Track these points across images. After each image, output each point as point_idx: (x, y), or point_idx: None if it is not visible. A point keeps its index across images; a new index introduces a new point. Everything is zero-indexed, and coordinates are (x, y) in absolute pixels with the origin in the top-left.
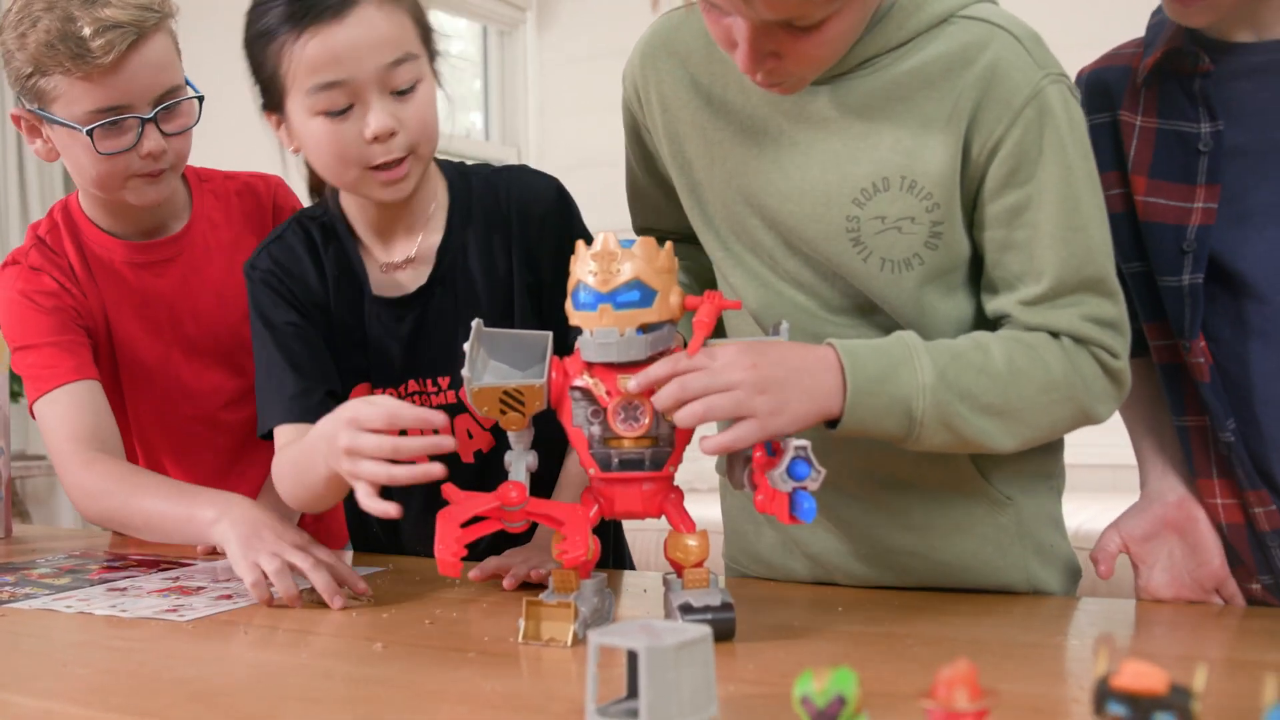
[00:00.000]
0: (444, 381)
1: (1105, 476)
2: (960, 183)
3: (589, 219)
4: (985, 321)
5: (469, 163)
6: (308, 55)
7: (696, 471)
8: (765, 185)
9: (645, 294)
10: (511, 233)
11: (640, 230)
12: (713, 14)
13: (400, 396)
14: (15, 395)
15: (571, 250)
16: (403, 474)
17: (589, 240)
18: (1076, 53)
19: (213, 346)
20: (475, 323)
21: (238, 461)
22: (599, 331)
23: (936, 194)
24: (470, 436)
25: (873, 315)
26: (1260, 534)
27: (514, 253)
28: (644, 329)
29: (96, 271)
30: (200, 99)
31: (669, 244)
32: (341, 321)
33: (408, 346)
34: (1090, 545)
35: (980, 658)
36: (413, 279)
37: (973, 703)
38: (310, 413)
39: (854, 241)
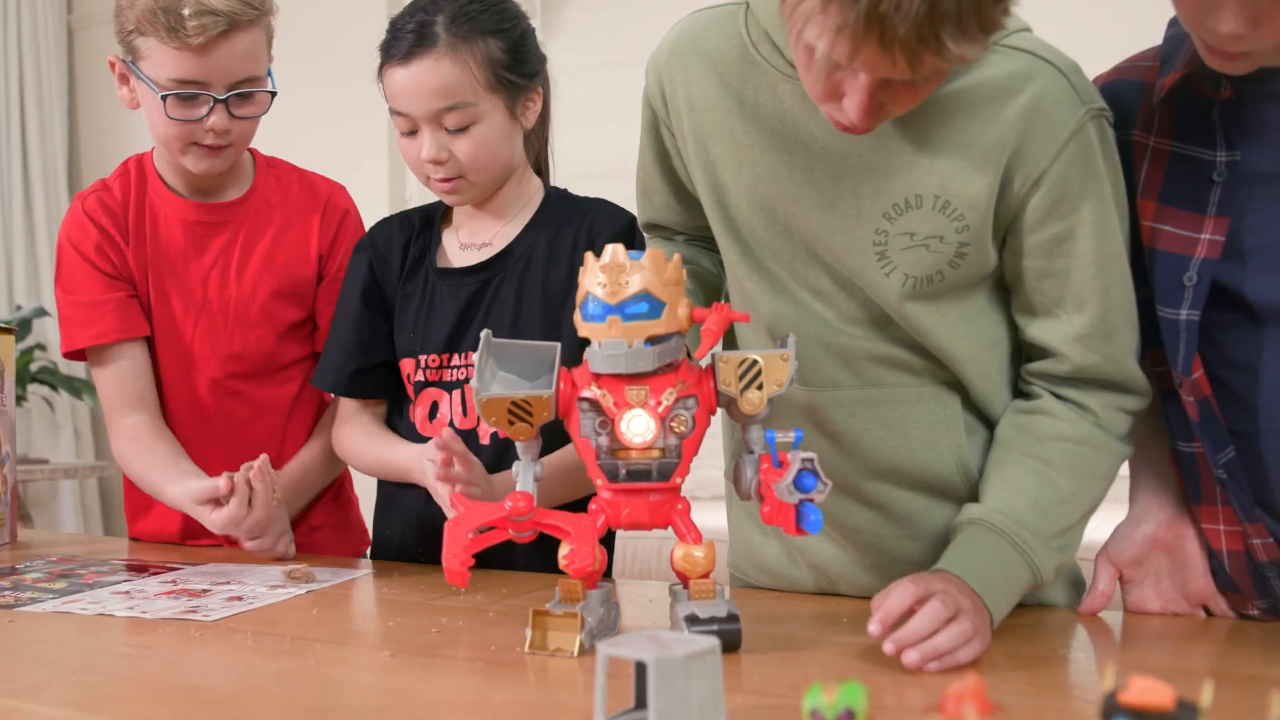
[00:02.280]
0: None
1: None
2: (995, 209)
3: None
4: (1003, 339)
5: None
6: (386, 86)
7: (699, 480)
8: (794, 192)
9: (653, 306)
10: (579, 244)
11: (646, 226)
12: (833, 74)
13: (440, 366)
14: (20, 400)
15: None
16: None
17: None
18: (1091, 65)
19: (239, 316)
20: (484, 333)
21: (248, 430)
22: (607, 343)
23: (969, 217)
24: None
25: (888, 328)
26: (1259, 564)
27: (578, 263)
28: (652, 341)
29: (149, 223)
30: (273, 94)
31: (677, 256)
32: (404, 294)
33: (459, 319)
34: (1091, 555)
35: (985, 670)
36: (479, 257)
37: (981, 717)
38: (362, 389)
39: (879, 255)
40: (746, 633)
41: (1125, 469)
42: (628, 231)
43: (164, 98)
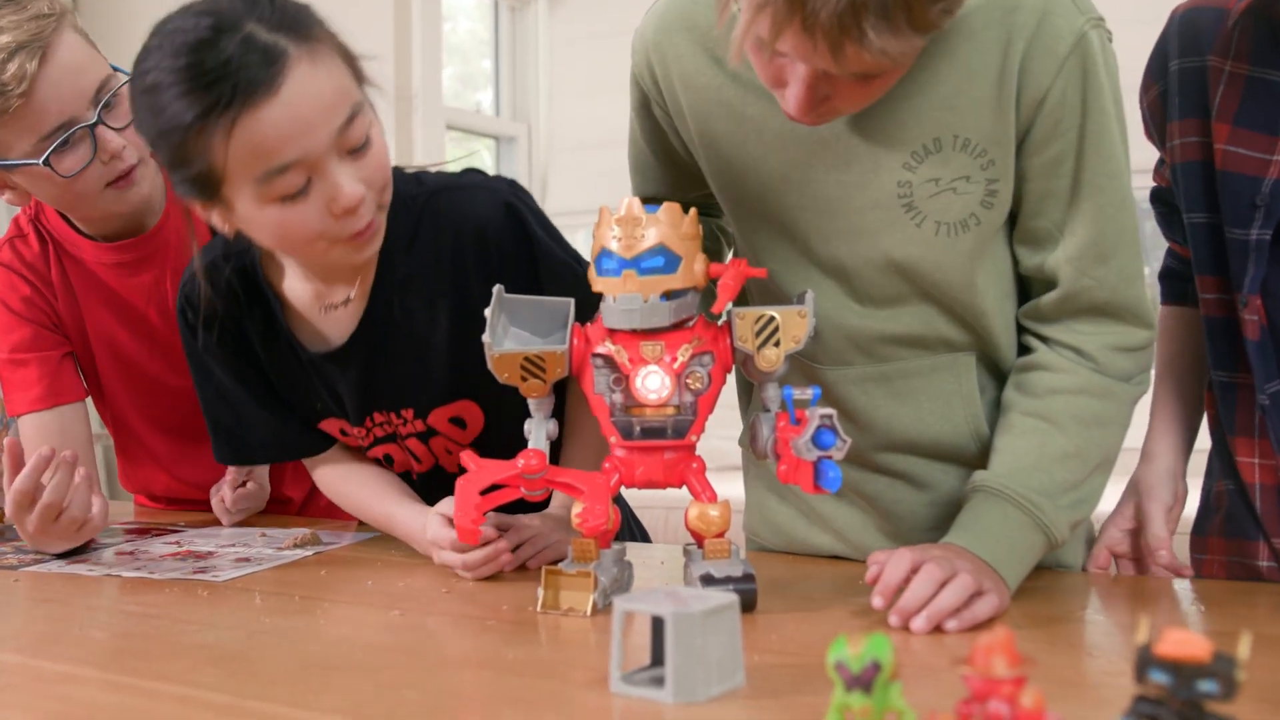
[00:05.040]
0: (408, 413)
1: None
2: (1014, 135)
3: (598, 197)
4: (1015, 287)
5: (405, 171)
6: (248, 142)
7: (705, 450)
8: (805, 158)
9: (669, 260)
10: (466, 262)
11: (642, 199)
12: (760, 53)
13: (368, 430)
14: None
15: (534, 261)
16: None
17: (554, 239)
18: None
19: None
20: (496, 289)
21: None
22: (622, 297)
23: (992, 150)
24: (448, 453)
25: (903, 303)
26: None
27: (471, 281)
28: (668, 295)
29: (70, 270)
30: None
31: (694, 210)
32: (279, 375)
33: (362, 395)
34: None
35: None
36: (349, 321)
37: (1011, 670)
38: (310, 448)
39: (907, 207)
40: (762, 593)
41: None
42: (510, 224)
43: (46, 162)
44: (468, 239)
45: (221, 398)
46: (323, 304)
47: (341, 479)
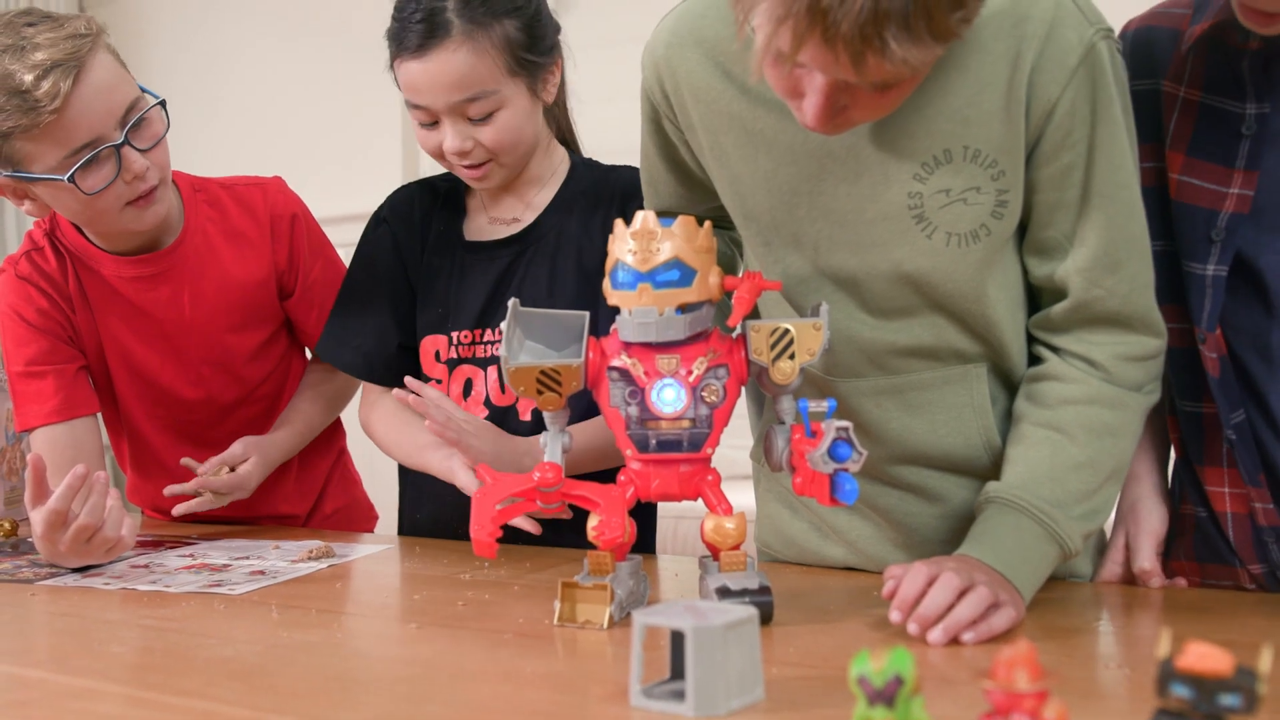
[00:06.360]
0: None
1: None
2: (1024, 146)
3: None
4: (1025, 296)
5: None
6: (401, 79)
7: (716, 459)
8: (816, 170)
9: (685, 273)
10: (611, 219)
11: (655, 213)
12: (779, 65)
13: (473, 342)
14: None
15: None
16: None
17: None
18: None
19: (206, 358)
20: (511, 302)
21: (234, 437)
22: (637, 311)
23: (1002, 160)
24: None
25: (911, 315)
26: (1260, 528)
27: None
28: (683, 309)
29: (87, 283)
30: (162, 103)
31: (708, 223)
32: (429, 268)
33: (492, 293)
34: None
35: None
36: (509, 232)
37: (1033, 683)
38: (391, 376)
39: (917, 218)
40: (777, 605)
41: None
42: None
43: (71, 179)
44: (616, 203)
45: (357, 296)
46: (491, 218)
47: (403, 419)
